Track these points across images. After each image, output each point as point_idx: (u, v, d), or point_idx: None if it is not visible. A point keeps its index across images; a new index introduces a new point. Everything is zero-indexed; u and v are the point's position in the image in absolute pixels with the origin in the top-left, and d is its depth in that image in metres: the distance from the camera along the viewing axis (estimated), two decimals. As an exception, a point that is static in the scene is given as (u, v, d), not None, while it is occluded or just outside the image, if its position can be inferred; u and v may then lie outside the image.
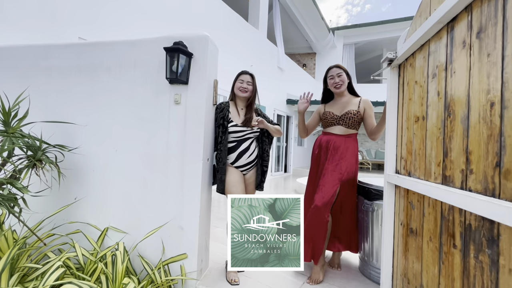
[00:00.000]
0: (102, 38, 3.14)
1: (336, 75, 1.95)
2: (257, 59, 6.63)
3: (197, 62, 1.68)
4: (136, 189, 1.75)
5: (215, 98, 1.80)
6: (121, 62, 1.81)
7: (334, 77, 1.96)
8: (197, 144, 1.66)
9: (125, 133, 1.79)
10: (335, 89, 1.96)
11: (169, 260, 1.67)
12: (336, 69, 1.97)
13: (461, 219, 0.85)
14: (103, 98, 1.84)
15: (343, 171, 1.86)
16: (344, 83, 1.94)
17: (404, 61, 1.41)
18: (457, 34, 0.91)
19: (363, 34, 11.08)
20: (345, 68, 1.99)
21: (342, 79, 1.94)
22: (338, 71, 1.96)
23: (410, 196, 1.25)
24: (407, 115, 1.34)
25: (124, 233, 1.76)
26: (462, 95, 0.86)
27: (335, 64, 2.02)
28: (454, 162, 0.89)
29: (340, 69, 1.96)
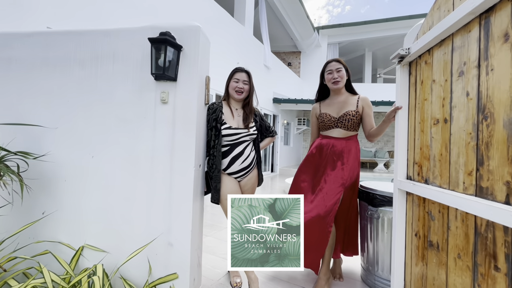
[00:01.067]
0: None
1: (335, 70, 1.79)
2: (244, 56, 6.44)
3: (187, 56, 1.49)
4: (117, 201, 1.53)
5: (208, 97, 1.61)
6: (97, 55, 1.58)
7: (333, 72, 1.79)
8: (188, 149, 1.47)
9: (103, 137, 1.56)
10: (333, 85, 1.80)
11: (157, 281, 1.47)
12: (335, 64, 1.80)
13: (507, 238, 0.73)
14: (76, 96, 1.59)
15: (346, 177, 1.73)
16: (342, 79, 1.79)
17: (417, 58, 1.30)
18: (495, 26, 0.80)
19: (347, 33, 11.20)
20: (345, 64, 1.84)
21: (341, 75, 1.78)
22: (337, 65, 1.80)
23: (429, 206, 1.15)
24: (422, 117, 1.23)
25: (104, 252, 1.54)
26: (505, 95, 0.75)
27: (334, 58, 1.86)
28: (494, 173, 0.78)
29: (340, 63, 1.80)
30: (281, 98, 8.47)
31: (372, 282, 1.76)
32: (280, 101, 8.42)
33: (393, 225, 1.41)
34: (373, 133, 1.75)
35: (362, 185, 1.88)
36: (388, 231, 1.69)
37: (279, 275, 1.92)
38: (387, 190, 1.69)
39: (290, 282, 1.83)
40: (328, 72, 1.82)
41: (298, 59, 11.54)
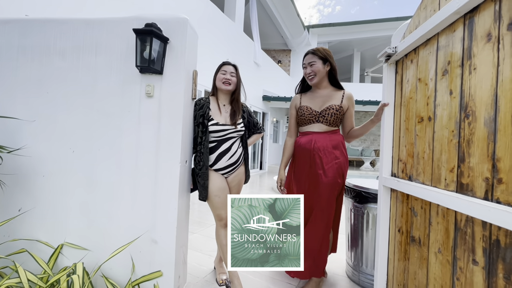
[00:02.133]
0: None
1: (308, 64, 1.66)
2: (233, 52, 6.39)
3: (173, 48, 1.45)
4: (100, 197, 1.48)
5: (195, 91, 1.58)
6: (79, 45, 1.51)
7: (307, 66, 1.67)
8: (174, 144, 1.44)
9: (85, 131, 1.50)
10: (309, 80, 1.69)
11: (141, 280, 1.44)
12: (309, 57, 1.66)
13: (485, 233, 0.76)
14: (56, 87, 1.52)
15: (337, 174, 1.62)
16: (317, 73, 1.64)
17: (404, 57, 1.32)
18: (478, 26, 0.82)
19: (336, 33, 11.32)
20: (324, 54, 1.65)
21: (314, 69, 1.63)
22: (310, 59, 1.65)
23: (412, 202, 1.17)
24: (407, 115, 1.26)
25: (85, 251, 1.49)
26: (486, 94, 0.77)
27: (312, 48, 1.68)
28: (474, 169, 0.80)
29: (314, 55, 1.64)
30: (270, 96, 8.47)
31: (357, 278, 1.80)
32: (270, 99, 8.42)
33: (377, 221, 1.44)
34: (355, 133, 1.67)
35: (348, 182, 1.90)
36: (373, 227, 1.72)
37: (264, 271, 1.92)
38: (372, 187, 1.72)
39: (276, 278, 1.84)
40: (303, 66, 1.71)
41: (288, 57, 11.57)
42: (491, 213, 0.69)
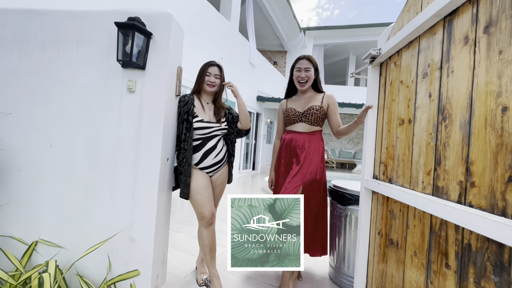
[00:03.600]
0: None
1: (303, 69, 1.74)
2: (228, 52, 6.36)
3: (157, 44, 1.42)
4: (76, 194, 1.44)
5: (179, 88, 1.55)
6: (60, 37, 1.47)
7: (301, 70, 1.75)
8: (155, 141, 1.41)
9: (64, 125, 1.46)
10: (299, 84, 1.77)
11: (117, 279, 1.40)
12: (305, 62, 1.74)
13: (457, 236, 0.75)
14: (35, 80, 1.48)
15: (305, 171, 1.69)
16: (309, 80, 1.75)
17: (387, 59, 1.32)
18: (457, 29, 0.81)
19: (332, 36, 11.39)
20: (316, 62, 1.78)
21: (308, 75, 1.74)
22: (307, 65, 1.74)
23: (391, 205, 1.16)
24: (389, 117, 1.25)
25: (60, 248, 1.44)
26: (462, 97, 0.76)
27: (306, 55, 1.79)
28: (449, 172, 0.79)
29: (310, 62, 1.74)
30: (265, 97, 8.46)
31: (339, 280, 1.79)
32: (264, 100, 8.42)
33: (358, 224, 1.43)
34: (342, 131, 1.73)
35: (333, 183, 1.89)
36: (355, 229, 1.72)
37: (247, 272, 1.90)
38: (355, 189, 1.71)
39: (257, 279, 1.82)
40: (296, 69, 1.77)
41: (284, 58, 11.59)
42: (463, 216, 0.68)
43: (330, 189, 1.88)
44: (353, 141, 11.61)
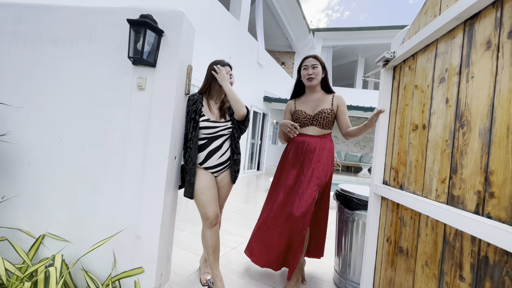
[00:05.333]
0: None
1: (310, 66, 1.74)
2: (236, 51, 6.36)
3: (168, 42, 1.42)
4: (84, 189, 1.45)
5: (188, 86, 1.55)
6: (72, 33, 1.48)
7: (308, 68, 1.74)
8: (163, 139, 1.41)
9: (74, 120, 1.47)
10: (307, 81, 1.76)
11: (121, 275, 1.40)
12: (312, 60, 1.75)
13: (473, 248, 0.72)
14: (47, 75, 1.49)
15: (321, 175, 1.68)
16: (317, 76, 1.74)
17: (402, 63, 1.29)
18: (478, 33, 0.79)
19: (342, 38, 11.29)
20: (322, 61, 1.78)
21: (316, 72, 1.73)
22: (313, 62, 1.74)
23: (401, 212, 1.14)
24: (402, 122, 1.22)
25: (66, 242, 1.45)
26: (482, 104, 0.74)
27: (312, 54, 1.80)
28: (466, 181, 0.76)
29: (317, 60, 1.75)
30: (272, 97, 8.44)
31: (344, 286, 1.76)
32: (271, 100, 8.39)
33: (366, 229, 1.40)
34: (352, 133, 1.71)
35: (341, 188, 1.87)
36: (362, 235, 1.69)
37: (251, 273, 1.88)
38: (364, 194, 1.68)
39: (260, 281, 1.80)
40: (303, 68, 1.78)
41: (292, 59, 11.54)
42: (480, 228, 0.65)
43: (338, 193, 1.85)
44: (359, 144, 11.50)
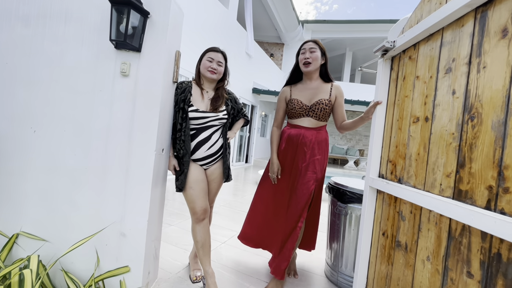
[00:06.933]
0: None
1: (308, 49, 1.61)
2: (225, 40, 6.18)
3: (154, 25, 1.30)
4: (63, 184, 1.33)
5: (176, 74, 1.44)
6: (46, 12, 1.33)
7: (306, 51, 1.61)
8: (149, 130, 1.30)
9: (49, 109, 1.34)
10: (303, 66, 1.63)
11: (105, 275, 1.31)
12: (311, 43, 1.62)
13: (484, 245, 0.70)
14: (17, 58, 1.34)
15: (317, 169, 1.62)
16: (314, 61, 1.60)
17: (401, 53, 1.25)
18: (492, 21, 0.74)
19: (330, 30, 11.25)
20: (323, 46, 1.65)
21: (314, 57, 1.60)
22: (312, 45, 1.61)
23: (400, 206, 1.11)
24: (401, 114, 1.19)
25: (43, 241, 1.34)
26: (496, 95, 0.70)
27: (313, 39, 1.67)
28: (475, 176, 0.73)
29: (316, 44, 1.62)
30: (260, 89, 8.33)
31: (336, 278, 1.75)
32: (260, 92, 8.29)
33: (360, 223, 1.38)
34: (346, 126, 1.63)
35: (334, 181, 1.84)
36: (355, 228, 1.68)
37: (242, 268, 1.84)
38: (357, 187, 1.66)
39: (253, 276, 1.77)
40: (301, 52, 1.65)
41: (281, 51, 11.41)
42: (496, 224, 0.62)
43: (331, 186, 1.83)
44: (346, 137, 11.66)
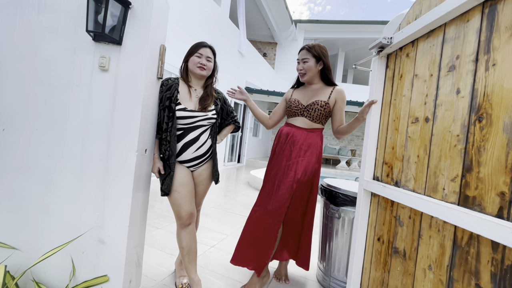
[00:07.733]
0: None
1: (301, 60, 1.61)
2: (217, 38, 6.07)
3: (136, 16, 1.20)
4: (36, 187, 1.22)
5: (161, 69, 1.34)
6: (15, 0, 1.21)
7: (300, 61, 1.63)
8: (131, 130, 1.20)
9: (20, 105, 1.22)
10: (300, 76, 1.66)
11: (82, 285, 1.21)
12: (303, 53, 1.61)
13: (495, 256, 0.64)
14: (-17, 48, 1.22)
15: (299, 170, 1.53)
16: (308, 71, 1.59)
17: (398, 50, 1.19)
18: (503, 15, 0.68)
19: (323, 31, 11.27)
20: (318, 52, 1.58)
21: (306, 67, 1.59)
22: (304, 55, 1.60)
23: (398, 210, 1.05)
24: (397, 114, 1.13)
25: (12, 249, 1.23)
26: (508, 95, 0.64)
27: (308, 44, 1.63)
28: (485, 181, 0.67)
29: (309, 53, 1.59)
30: (253, 88, 8.25)
31: (328, 283, 1.69)
32: (252, 91, 8.20)
33: (354, 227, 1.32)
34: (342, 130, 1.59)
35: (326, 182, 1.78)
36: (348, 232, 1.62)
37: (231, 274, 1.76)
38: (350, 190, 1.61)
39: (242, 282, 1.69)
40: (297, 62, 1.66)
41: (273, 50, 11.35)
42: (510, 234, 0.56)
43: (323, 188, 1.77)
44: (338, 137, 11.70)
